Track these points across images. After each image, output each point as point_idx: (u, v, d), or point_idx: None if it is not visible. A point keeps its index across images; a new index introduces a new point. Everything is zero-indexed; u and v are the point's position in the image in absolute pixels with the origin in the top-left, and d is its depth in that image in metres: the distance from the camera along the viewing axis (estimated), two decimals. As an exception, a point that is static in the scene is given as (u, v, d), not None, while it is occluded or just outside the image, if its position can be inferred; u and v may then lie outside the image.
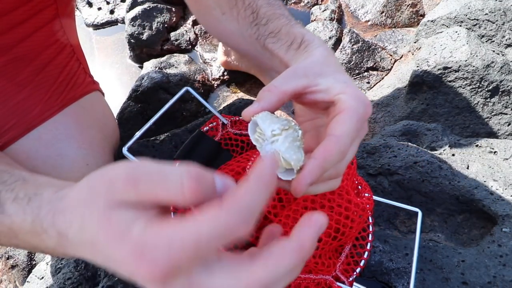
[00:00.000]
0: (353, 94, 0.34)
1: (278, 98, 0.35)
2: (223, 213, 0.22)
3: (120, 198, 0.24)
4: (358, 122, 0.32)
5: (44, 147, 0.54)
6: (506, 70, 0.83)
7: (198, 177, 0.24)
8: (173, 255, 0.22)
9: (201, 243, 0.22)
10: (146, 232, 0.23)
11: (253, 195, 0.23)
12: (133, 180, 0.24)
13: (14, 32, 0.50)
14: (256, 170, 0.24)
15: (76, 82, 0.61)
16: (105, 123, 0.66)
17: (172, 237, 0.23)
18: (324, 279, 0.47)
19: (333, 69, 0.37)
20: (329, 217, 0.45)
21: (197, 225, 0.23)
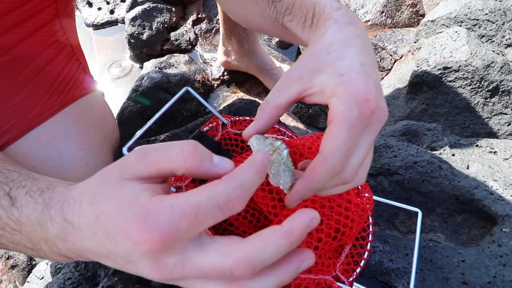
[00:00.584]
0: (345, 94, 0.30)
1: (270, 115, 0.34)
2: (222, 184, 0.25)
3: (131, 171, 0.27)
4: (350, 130, 0.29)
5: (43, 147, 0.54)
6: (506, 70, 0.83)
7: (196, 144, 0.28)
8: (173, 219, 0.24)
9: (201, 209, 0.24)
10: (151, 200, 0.25)
11: (248, 175, 0.26)
12: (142, 153, 0.28)
13: (13, 32, 0.50)
14: (250, 159, 0.27)
15: (76, 82, 0.61)
16: (105, 123, 0.66)
17: (174, 203, 0.25)
18: (324, 279, 0.47)
19: (334, 55, 0.33)
20: (329, 217, 0.45)
21: (198, 193, 0.25)
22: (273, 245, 0.25)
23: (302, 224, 0.26)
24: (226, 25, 0.97)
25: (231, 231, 0.52)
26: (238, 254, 0.25)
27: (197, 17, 1.25)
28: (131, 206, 0.25)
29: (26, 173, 0.35)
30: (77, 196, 0.29)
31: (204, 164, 0.28)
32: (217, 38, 1.24)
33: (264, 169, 0.28)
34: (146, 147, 0.28)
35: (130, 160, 0.28)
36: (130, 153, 0.28)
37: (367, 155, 0.33)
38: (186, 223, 0.24)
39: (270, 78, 1.05)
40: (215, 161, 0.28)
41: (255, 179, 0.27)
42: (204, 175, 0.28)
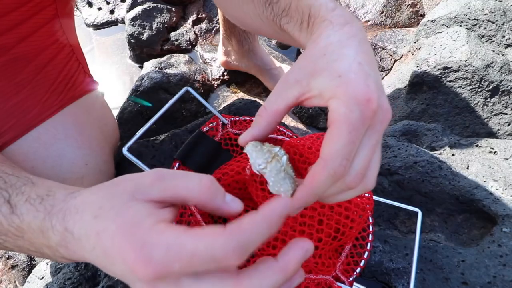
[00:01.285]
0: (345, 95, 0.29)
1: (268, 122, 0.33)
2: (222, 238, 0.24)
3: (145, 191, 0.27)
4: (351, 132, 0.28)
5: (43, 147, 0.54)
6: (506, 70, 0.83)
7: (213, 179, 0.28)
8: (168, 259, 0.24)
9: (195, 257, 0.24)
10: (151, 230, 0.25)
11: (255, 231, 0.25)
12: (160, 176, 0.28)
13: (13, 33, 0.50)
14: (267, 208, 0.26)
15: (76, 82, 0.61)
16: (105, 123, 0.66)
17: (171, 243, 0.24)
18: (324, 279, 0.47)
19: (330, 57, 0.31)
20: (329, 217, 0.45)
21: (197, 239, 0.24)
22: (269, 281, 0.25)
23: (296, 257, 0.27)
24: (226, 25, 0.97)
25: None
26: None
27: (197, 17, 1.25)
28: (133, 231, 0.25)
29: (24, 177, 0.35)
30: (80, 205, 0.29)
31: (217, 199, 0.28)
32: (217, 38, 1.24)
33: (278, 223, 0.26)
34: (164, 170, 0.28)
35: (147, 180, 0.28)
36: (147, 173, 0.28)
37: (373, 158, 0.31)
38: (179, 266, 0.24)
39: (270, 78, 1.05)
40: (227, 199, 0.29)
41: (263, 235, 0.25)
42: (214, 210, 0.28)
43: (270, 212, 0.26)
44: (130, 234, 0.25)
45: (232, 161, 0.55)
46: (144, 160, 0.56)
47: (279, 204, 0.26)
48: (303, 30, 0.36)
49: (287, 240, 0.43)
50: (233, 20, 0.54)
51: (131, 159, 0.50)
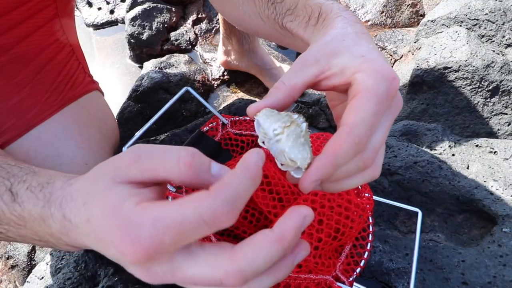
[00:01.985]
0: (371, 70, 0.29)
1: (285, 95, 0.32)
2: (209, 199, 0.23)
3: (124, 174, 0.26)
4: (378, 104, 0.28)
5: (43, 147, 0.54)
6: (506, 70, 0.83)
7: (194, 153, 0.26)
8: (156, 234, 0.23)
9: (185, 225, 0.23)
10: (135, 209, 0.24)
11: (239, 183, 0.24)
12: (136, 156, 0.26)
13: (13, 32, 0.50)
14: (243, 162, 0.25)
15: (76, 81, 0.61)
16: (105, 122, 0.66)
17: (157, 216, 0.23)
18: (324, 279, 0.47)
19: (349, 42, 0.32)
20: (329, 217, 0.45)
21: (183, 207, 0.23)
22: (265, 253, 0.24)
23: (295, 225, 0.25)
24: (226, 24, 0.97)
25: (231, 230, 0.51)
26: (228, 265, 0.24)
27: (197, 17, 1.25)
28: (116, 214, 0.25)
29: (27, 167, 0.35)
30: (74, 193, 0.29)
31: (201, 175, 0.26)
32: (217, 38, 1.24)
33: (259, 173, 0.25)
34: (140, 148, 0.27)
35: (123, 161, 0.26)
36: (124, 153, 0.27)
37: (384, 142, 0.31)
38: (170, 238, 0.23)
39: (270, 78, 1.05)
40: (214, 170, 0.27)
41: (248, 187, 0.24)
42: (201, 186, 0.26)
43: (246, 163, 0.25)
44: (114, 217, 0.24)
45: (232, 161, 0.55)
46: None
47: (252, 153, 0.25)
48: (310, 27, 0.37)
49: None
50: (230, 20, 0.54)
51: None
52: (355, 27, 0.34)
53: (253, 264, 0.24)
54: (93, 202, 0.26)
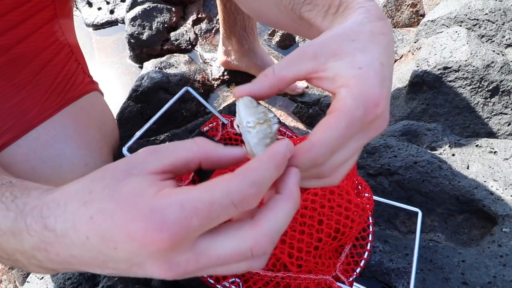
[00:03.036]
0: (357, 90, 0.28)
1: (271, 84, 0.31)
2: (237, 179, 0.23)
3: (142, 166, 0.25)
4: (348, 128, 0.27)
5: (42, 148, 0.54)
6: (506, 70, 0.83)
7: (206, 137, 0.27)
8: (184, 217, 0.22)
9: (214, 206, 0.22)
10: (159, 195, 0.23)
11: (264, 168, 0.24)
12: (153, 149, 0.26)
13: (12, 33, 0.50)
14: (270, 151, 0.25)
15: (75, 82, 0.61)
16: (104, 123, 0.66)
17: (184, 199, 0.22)
18: (324, 279, 0.47)
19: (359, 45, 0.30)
20: (329, 217, 0.45)
21: (211, 188, 0.23)
22: (283, 212, 0.25)
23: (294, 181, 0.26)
24: (226, 24, 0.97)
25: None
26: (255, 233, 0.24)
27: (197, 17, 1.25)
28: (135, 201, 0.23)
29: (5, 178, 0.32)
30: (59, 197, 0.26)
31: (217, 149, 0.27)
32: (217, 38, 1.24)
33: (284, 164, 0.26)
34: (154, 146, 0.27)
35: (140, 156, 0.26)
36: (138, 152, 0.26)
37: (351, 158, 0.31)
38: (198, 221, 0.22)
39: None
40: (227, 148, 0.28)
41: (272, 174, 0.25)
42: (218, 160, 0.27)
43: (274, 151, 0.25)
44: (133, 204, 0.22)
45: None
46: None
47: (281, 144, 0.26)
48: (329, 15, 0.36)
49: (287, 240, 0.43)
50: (247, 10, 0.53)
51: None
52: (374, 24, 0.31)
53: (277, 225, 0.25)
54: (101, 197, 0.24)
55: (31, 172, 0.52)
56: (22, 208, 0.27)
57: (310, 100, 1.06)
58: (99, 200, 0.24)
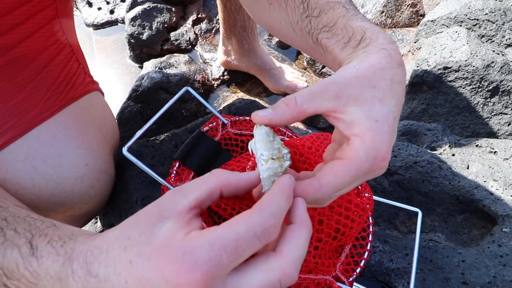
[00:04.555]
0: (370, 143, 0.30)
1: (292, 116, 0.32)
2: (255, 214, 0.26)
3: (170, 207, 0.27)
4: (354, 176, 0.30)
5: (43, 147, 0.54)
6: (506, 70, 0.83)
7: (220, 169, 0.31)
8: (214, 255, 0.23)
9: (239, 241, 0.24)
10: (188, 237, 0.25)
11: (278, 201, 0.27)
12: (176, 189, 0.29)
13: (14, 33, 0.50)
14: (279, 185, 0.29)
15: (76, 82, 0.61)
16: (105, 123, 0.66)
17: (212, 238, 0.24)
18: (324, 279, 0.47)
19: (378, 93, 0.31)
20: (329, 217, 0.45)
21: (235, 225, 0.25)
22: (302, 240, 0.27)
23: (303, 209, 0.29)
24: (226, 24, 0.97)
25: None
26: (280, 264, 0.26)
27: (197, 17, 1.25)
28: (168, 245, 0.24)
29: (48, 221, 0.34)
30: (102, 245, 0.27)
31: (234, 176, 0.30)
32: (217, 38, 1.24)
33: (291, 195, 0.29)
34: (178, 186, 0.30)
35: (167, 197, 0.28)
36: (165, 194, 0.29)
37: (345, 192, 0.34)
38: (227, 258, 0.24)
39: (270, 77, 1.05)
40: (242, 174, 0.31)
41: (285, 204, 0.28)
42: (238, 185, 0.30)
43: (282, 185, 0.29)
44: (167, 248, 0.24)
45: (232, 161, 0.55)
46: (144, 160, 0.56)
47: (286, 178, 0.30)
48: (348, 48, 0.35)
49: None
50: (261, 24, 0.52)
51: (131, 159, 0.50)
52: (395, 72, 0.32)
53: (298, 253, 0.27)
54: (139, 242, 0.26)
55: (31, 171, 0.52)
56: (70, 254, 0.29)
57: (310, 100, 1.06)
58: (137, 245, 0.26)
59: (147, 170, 0.51)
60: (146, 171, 0.51)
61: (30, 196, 0.52)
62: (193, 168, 0.55)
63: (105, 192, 0.62)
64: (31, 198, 0.52)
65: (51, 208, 0.55)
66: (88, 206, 0.60)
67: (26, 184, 0.52)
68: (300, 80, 1.09)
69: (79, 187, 0.57)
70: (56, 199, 0.55)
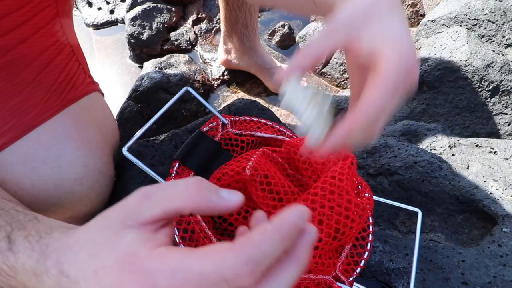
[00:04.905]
0: (394, 51, 0.31)
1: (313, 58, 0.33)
2: (232, 255, 0.22)
3: (134, 215, 0.26)
4: (394, 86, 0.30)
5: (42, 148, 0.54)
6: (506, 70, 0.83)
7: (201, 179, 0.26)
8: (174, 285, 0.22)
9: (204, 279, 0.22)
10: (150, 257, 0.24)
11: (267, 243, 0.22)
12: (144, 193, 0.26)
13: (14, 33, 0.50)
14: (279, 220, 0.23)
15: (76, 82, 0.60)
16: (105, 123, 0.65)
17: (176, 267, 0.23)
18: (324, 279, 0.47)
19: (384, 11, 0.33)
20: (329, 217, 0.45)
21: (203, 260, 0.22)
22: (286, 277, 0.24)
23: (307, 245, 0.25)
24: (227, 22, 0.97)
25: (231, 231, 0.52)
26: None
27: (197, 17, 1.25)
28: (130, 261, 0.24)
29: (31, 214, 0.34)
30: (74, 245, 0.27)
31: (211, 198, 0.26)
32: (217, 38, 1.24)
33: (293, 235, 0.24)
34: (147, 188, 0.27)
35: (133, 201, 0.26)
36: (131, 196, 0.27)
37: None
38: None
39: (270, 77, 1.05)
40: (223, 195, 0.26)
41: (276, 248, 0.23)
42: (211, 210, 0.26)
43: (283, 221, 0.23)
44: (128, 265, 0.24)
45: (232, 161, 0.55)
46: (144, 160, 0.56)
47: (293, 212, 0.23)
48: None
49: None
50: None
51: (131, 159, 0.50)
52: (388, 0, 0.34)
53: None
54: (102, 252, 0.25)
55: (30, 172, 0.52)
56: (44, 250, 0.28)
57: (310, 100, 1.06)
58: (101, 253, 0.25)
59: (147, 170, 0.51)
60: (146, 171, 0.51)
61: (29, 197, 0.52)
62: (193, 168, 0.55)
63: (105, 193, 0.62)
64: (30, 199, 0.52)
65: (50, 209, 0.55)
66: (88, 207, 0.60)
67: (25, 185, 0.52)
68: (300, 80, 1.09)
69: (78, 189, 0.56)
70: (55, 200, 0.55)
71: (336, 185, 0.45)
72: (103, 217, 0.27)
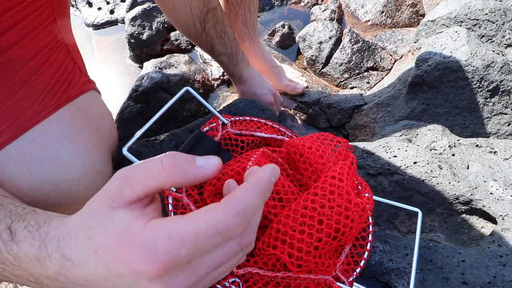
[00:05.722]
0: None
1: None
2: (220, 210, 0.25)
3: (117, 198, 0.27)
4: None
5: (38, 149, 0.53)
6: (506, 70, 0.83)
7: (175, 154, 0.27)
8: (173, 248, 0.24)
9: (200, 236, 0.24)
10: (145, 229, 0.25)
11: (250, 197, 0.26)
12: (122, 176, 0.27)
13: (9, 34, 0.49)
14: (255, 177, 0.27)
15: (71, 82, 0.59)
16: (102, 123, 0.64)
17: (171, 231, 0.24)
18: (324, 279, 0.47)
19: None
20: (329, 217, 0.45)
21: (196, 220, 0.25)
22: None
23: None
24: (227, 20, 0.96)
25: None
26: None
27: (197, 17, 1.25)
28: (126, 237, 0.25)
29: (29, 207, 0.36)
30: (71, 231, 0.29)
31: (188, 170, 0.27)
32: (217, 38, 1.24)
33: (269, 190, 0.27)
34: (126, 168, 0.28)
35: (113, 186, 0.27)
36: (112, 178, 0.28)
37: None
38: (186, 251, 0.24)
39: (270, 76, 1.05)
40: (199, 163, 0.28)
41: (257, 201, 0.26)
42: (193, 181, 0.27)
43: (258, 179, 0.27)
44: (125, 241, 0.25)
45: (232, 161, 0.54)
46: (143, 160, 0.56)
47: (266, 170, 0.27)
48: None
49: (287, 240, 0.43)
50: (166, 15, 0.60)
51: (131, 159, 0.50)
52: None
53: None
54: (98, 234, 0.26)
55: (27, 173, 0.52)
56: (44, 238, 0.30)
57: (310, 100, 1.06)
58: (97, 236, 0.26)
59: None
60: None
61: (26, 198, 0.52)
62: (193, 168, 0.54)
63: None
64: (27, 200, 0.52)
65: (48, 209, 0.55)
66: None
67: (22, 186, 0.52)
68: (300, 80, 1.09)
69: (75, 189, 0.56)
70: (52, 200, 0.54)
71: (336, 185, 0.45)
72: (90, 202, 0.29)
